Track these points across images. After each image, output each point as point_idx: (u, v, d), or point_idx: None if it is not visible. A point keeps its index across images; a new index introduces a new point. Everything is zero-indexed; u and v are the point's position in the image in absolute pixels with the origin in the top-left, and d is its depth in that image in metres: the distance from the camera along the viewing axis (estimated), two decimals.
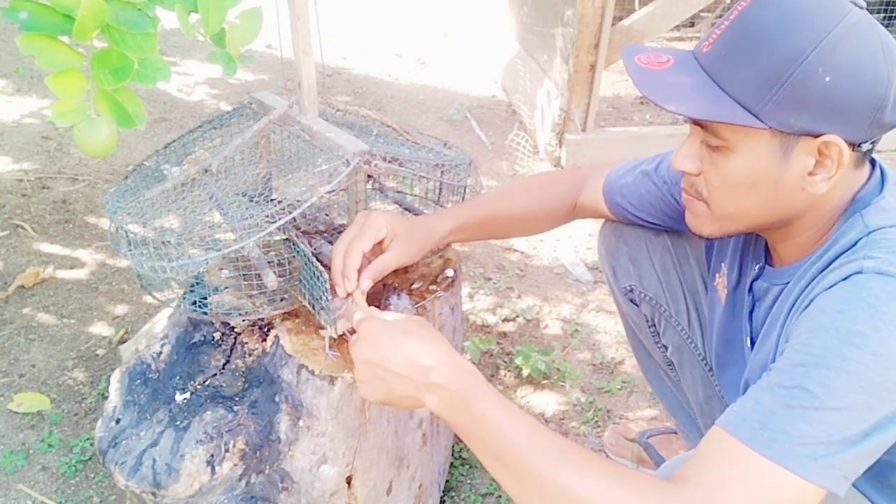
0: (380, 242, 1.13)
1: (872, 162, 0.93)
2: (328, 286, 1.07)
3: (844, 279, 0.82)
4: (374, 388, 0.92)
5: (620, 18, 2.91)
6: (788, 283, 0.95)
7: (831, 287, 0.82)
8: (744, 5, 0.87)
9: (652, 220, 1.26)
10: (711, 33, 0.89)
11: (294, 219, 1.15)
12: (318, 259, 1.12)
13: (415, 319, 0.95)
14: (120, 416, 1.09)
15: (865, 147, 0.86)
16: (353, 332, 1.08)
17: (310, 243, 1.23)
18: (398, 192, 1.37)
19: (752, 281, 1.06)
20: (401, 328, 0.91)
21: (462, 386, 0.85)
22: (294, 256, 1.17)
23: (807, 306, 0.85)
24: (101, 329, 1.98)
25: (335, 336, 1.10)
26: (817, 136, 0.84)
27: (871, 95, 0.82)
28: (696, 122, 0.92)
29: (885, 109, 0.83)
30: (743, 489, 0.75)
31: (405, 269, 1.34)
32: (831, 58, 0.81)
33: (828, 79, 0.81)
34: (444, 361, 0.87)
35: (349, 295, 1.08)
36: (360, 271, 1.10)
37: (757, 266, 1.05)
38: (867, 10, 0.85)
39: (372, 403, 1.12)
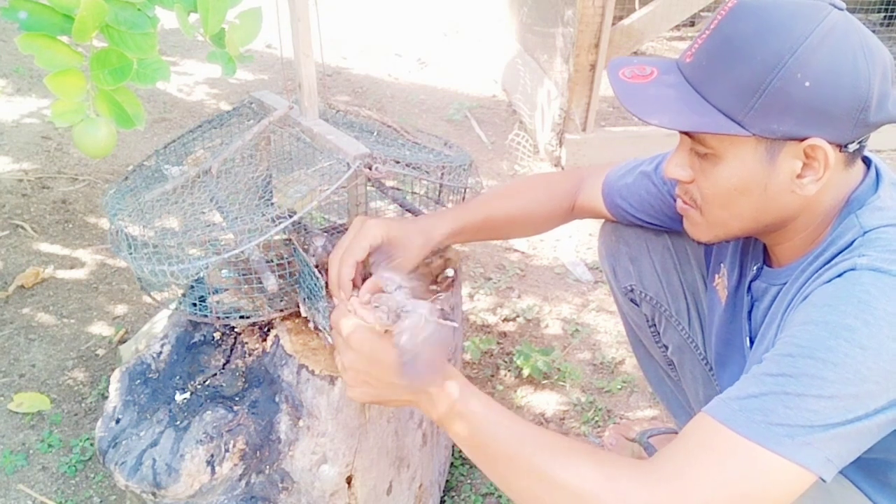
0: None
1: (868, 162, 0.94)
2: (324, 291, 1.08)
3: (838, 276, 0.83)
4: (364, 393, 0.96)
5: (620, 18, 2.90)
6: (786, 283, 0.96)
7: (825, 283, 0.83)
8: (723, 14, 0.88)
9: (652, 220, 1.26)
10: (694, 43, 0.90)
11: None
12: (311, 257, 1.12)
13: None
14: (120, 416, 1.09)
15: (853, 147, 0.87)
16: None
17: (310, 242, 1.23)
18: (398, 191, 1.37)
19: (751, 281, 1.06)
20: (388, 338, 0.93)
21: (447, 393, 0.89)
22: (294, 258, 1.17)
23: (801, 302, 0.86)
24: (101, 329, 1.98)
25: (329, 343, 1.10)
26: (802, 139, 0.84)
27: (853, 97, 0.82)
28: (684, 132, 0.92)
29: (869, 110, 0.83)
30: (716, 465, 0.75)
31: None
32: (809, 63, 0.81)
33: (807, 84, 0.81)
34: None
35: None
36: (355, 279, 1.09)
37: (756, 266, 1.05)
38: (866, 10, 0.85)
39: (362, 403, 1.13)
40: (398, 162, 1.23)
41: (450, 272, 1.34)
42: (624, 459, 0.81)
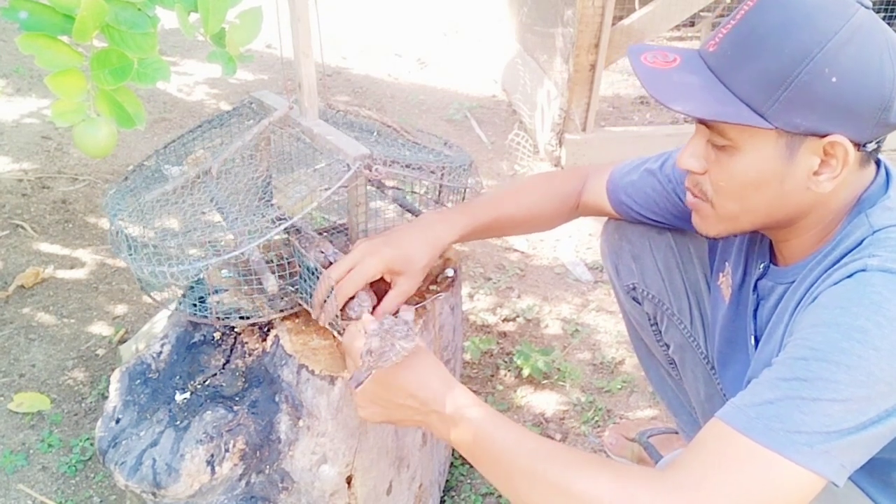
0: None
1: (878, 162, 0.94)
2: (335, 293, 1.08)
3: (848, 276, 0.82)
4: (374, 414, 0.98)
5: (620, 18, 2.90)
6: (793, 281, 0.95)
7: (835, 284, 0.83)
8: (750, 5, 0.87)
9: (656, 218, 1.26)
10: (718, 32, 0.89)
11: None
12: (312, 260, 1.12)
13: (413, 349, 0.98)
14: (120, 416, 1.09)
15: (871, 147, 0.87)
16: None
17: (310, 247, 1.23)
18: (398, 191, 1.37)
19: (757, 280, 1.06)
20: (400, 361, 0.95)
21: (457, 411, 0.90)
22: (294, 259, 1.17)
23: (811, 303, 0.85)
24: (101, 329, 1.98)
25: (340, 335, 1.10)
26: (823, 136, 0.84)
27: (877, 96, 0.82)
28: (702, 122, 0.92)
29: (891, 110, 0.83)
30: (735, 474, 0.75)
31: None
32: (837, 59, 0.81)
33: (834, 79, 0.81)
34: (439, 390, 0.93)
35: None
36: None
37: (762, 265, 1.05)
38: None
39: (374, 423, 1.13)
40: (398, 163, 1.23)
41: (450, 272, 1.34)
42: (639, 469, 0.81)
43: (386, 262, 1.11)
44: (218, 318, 1.16)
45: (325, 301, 1.09)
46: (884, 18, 3.23)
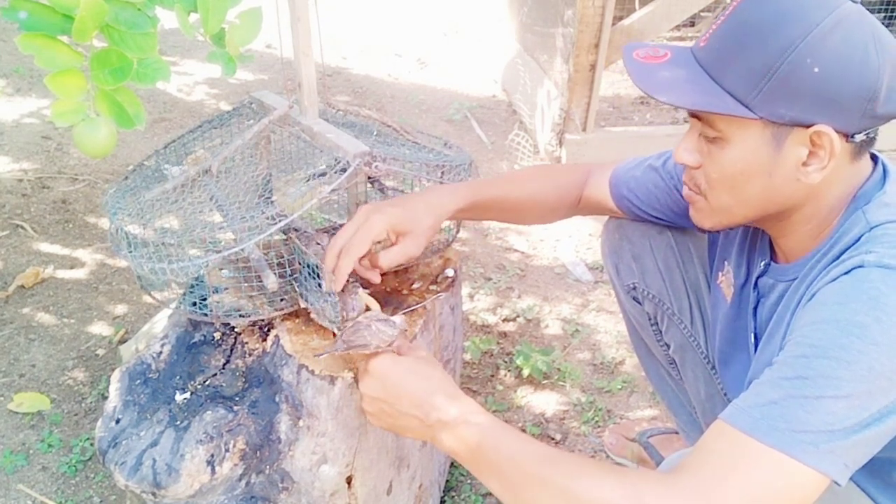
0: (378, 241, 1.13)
1: (875, 158, 0.94)
2: (336, 303, 1.08)
3: (846, 273, 0.83)
4: (381, 420, 0.99)
5: (620, 18, 2.90)
6: (794, 279, 0.96)
7: (833, 281, 0.83)
8: (739, 0, 0.88)
9: (657, 214, 1.27)
10: (708, 29, 0.91)
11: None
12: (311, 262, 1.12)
13: (421, 358, 0.99)
14: (120, 416, 1.09)
15: (859, 138, 0.87)
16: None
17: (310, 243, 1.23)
18: (398, 191, 1.37)
19: (758, 277, 1.06)
20: (408, 368, 0.97)
21: (461, 418, 0.90)
22: (294, 257, 1.17)
23: (809, 301, 0.86)
24: (101, 329, 1.98)
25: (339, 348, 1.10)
26: (809, 126, 0.85)
27: (862, 87, 0.83)
28: (694, 116, 0.93)
29: (877, 101, 0.84)
30: (742, 476, 0.75)
31: (405, 269, 1.35)
32: (820, 49, 0.82)
33: (816, 69, 0.82)
34: (445, 401, 0.93)
35: (343, 291, 1.08)
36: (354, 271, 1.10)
37: (763, 262, 1.06)
38: (867, 8, 0.86)
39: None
40: (398, 161, 1.23)
41: (450, 272, 1.34)
42: (646, 473, 0.81)
43: (390, 220, 1.11)
44: (218, 316, 1.16)
45: (333, 269, 1.08)
46: (884, 19, 3.22)
